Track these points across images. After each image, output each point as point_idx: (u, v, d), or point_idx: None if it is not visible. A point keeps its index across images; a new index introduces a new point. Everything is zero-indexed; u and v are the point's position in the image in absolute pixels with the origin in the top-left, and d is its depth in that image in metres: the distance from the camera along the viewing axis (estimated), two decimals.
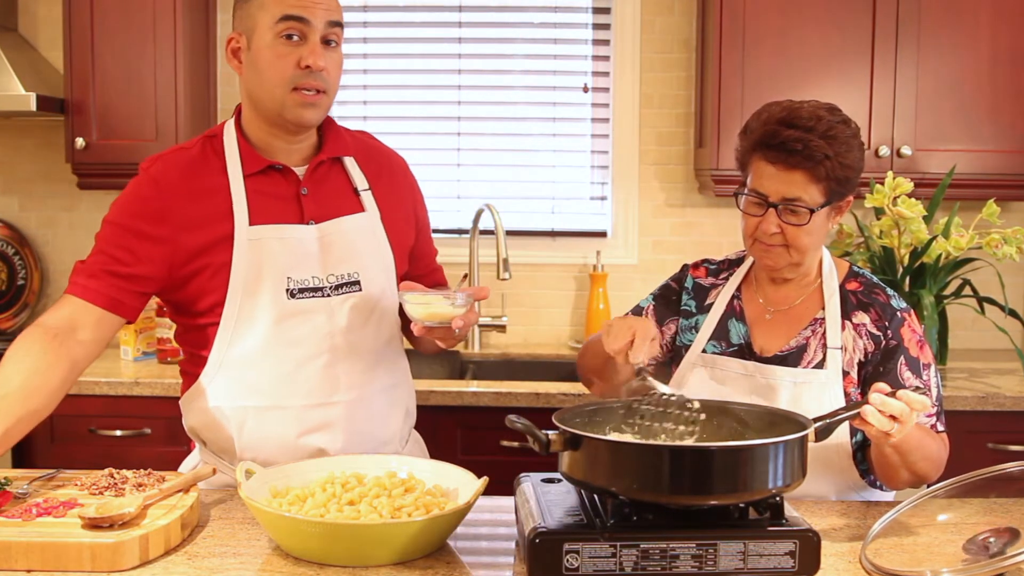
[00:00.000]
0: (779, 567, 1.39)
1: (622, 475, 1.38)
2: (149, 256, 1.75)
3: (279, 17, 1.72)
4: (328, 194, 1.85)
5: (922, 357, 1.85)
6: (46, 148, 3.47)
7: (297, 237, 1.79)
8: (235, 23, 1.81)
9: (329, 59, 1.76)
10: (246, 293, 1.76)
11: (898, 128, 3.03)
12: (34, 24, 3.46)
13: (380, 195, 1.90)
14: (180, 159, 1.82)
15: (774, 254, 1.84)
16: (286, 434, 1.79)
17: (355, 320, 1.82)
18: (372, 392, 1.86)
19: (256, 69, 1.76)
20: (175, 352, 3.07)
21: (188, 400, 1.86)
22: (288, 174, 1.83)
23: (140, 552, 1.42)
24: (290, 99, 1.74)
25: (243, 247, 1.76)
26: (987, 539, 1.42)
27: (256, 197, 1.79)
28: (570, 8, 3.48)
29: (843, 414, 1.55)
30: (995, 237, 2.86)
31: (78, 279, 1.77)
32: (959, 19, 3.01)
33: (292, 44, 1.73)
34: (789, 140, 1.76)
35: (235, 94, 3.47)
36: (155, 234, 1.75)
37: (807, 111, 1.80)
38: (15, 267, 3.48)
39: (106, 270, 1.76)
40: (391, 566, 1.43)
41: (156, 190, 1.78)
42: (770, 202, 1.80)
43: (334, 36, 1.77)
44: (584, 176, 3.53)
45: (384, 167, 1.95)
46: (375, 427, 1.87)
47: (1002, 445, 2.77)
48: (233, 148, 1.82)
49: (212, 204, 1.77)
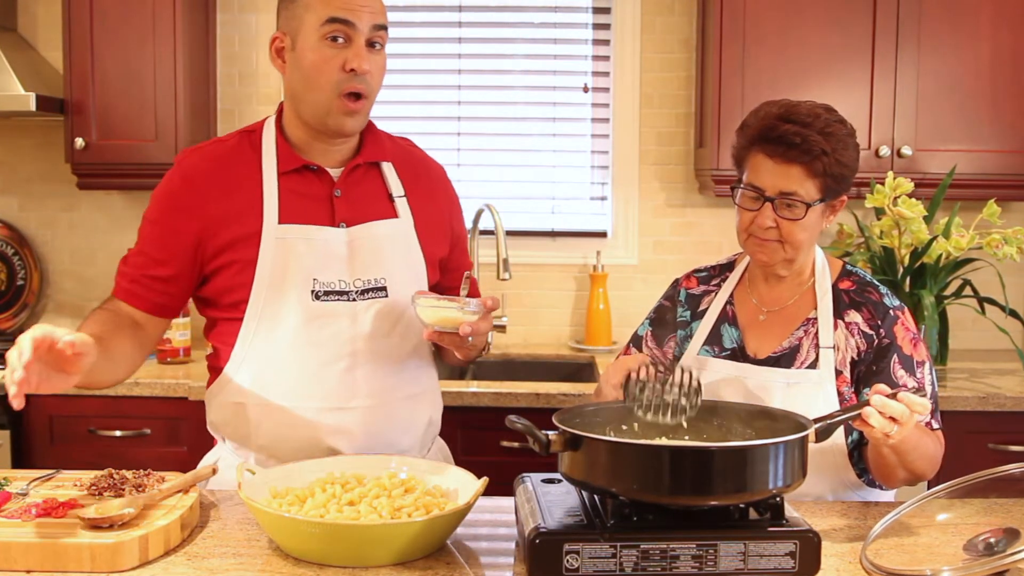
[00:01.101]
0: (779, 568, 1.39)
1: (622, 476, 1.38)
2: (182, 250, 1.77)
3: (325, 19, 1.72)
4: (362, 198, 1.84)
5: (916, 355, 1.85)
6: (46, 148, 3.47)
7: (325, 239, 1.78)
8: (280, 23, 1.81)
9: (373, 62, 1.75)
10: (271, 291, 1.76)
11: (898, 128, 3.03)
12: (34, 24, 3.46)
13: (415, 203, 1.89)
14: (215, 151, 1.83)
15: (768, 249, 1.84)
16: (303, 435, 1.79)
17: (379, 326, 1.81)
18: (393, 399, 1.84)
19: (300, 70, 1.76)
20: (175, 353, 3.08)
21: (211, 394, 1.87)
22: (323, 175, 1.82)
23: (140, 552, 1.42)
24: (335, 105, 1.74)
25: (270, 245, 1.76)
26: (988, 539, 1.42)
27: (288, 196, 1.79)
28: (570, 8, 3.48)
29: (844, 415, 1.56)
30: (995, 237, 2.86)
31: (122, 281, 1.81)
32: (960, 19, 3.01)
33: (337, 47, 1.73)
34: (787, 134, 1.77)
35: (235, 94, 3.47)
36: (185, 228, 1.77)
37: (805, 108, 1.81)
38: (15, 267, 3.48)
39: (146, 274, 1.79)
40: (391, 567, 1.43)
41: (186, 184, 1.79)
42: (767, 196, 1.80)
43: (379, 39, 1.77)
44: (584, 176, 3.53)
45: (422, 175, 1.94)
46: (394, 434, 1.85)
47: (1002, 446, 2.77)
48: (271, 145, 1.82)
49: (243, 199, 1.78)
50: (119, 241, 3.50)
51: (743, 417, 1.60)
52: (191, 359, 3.12)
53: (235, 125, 3.46)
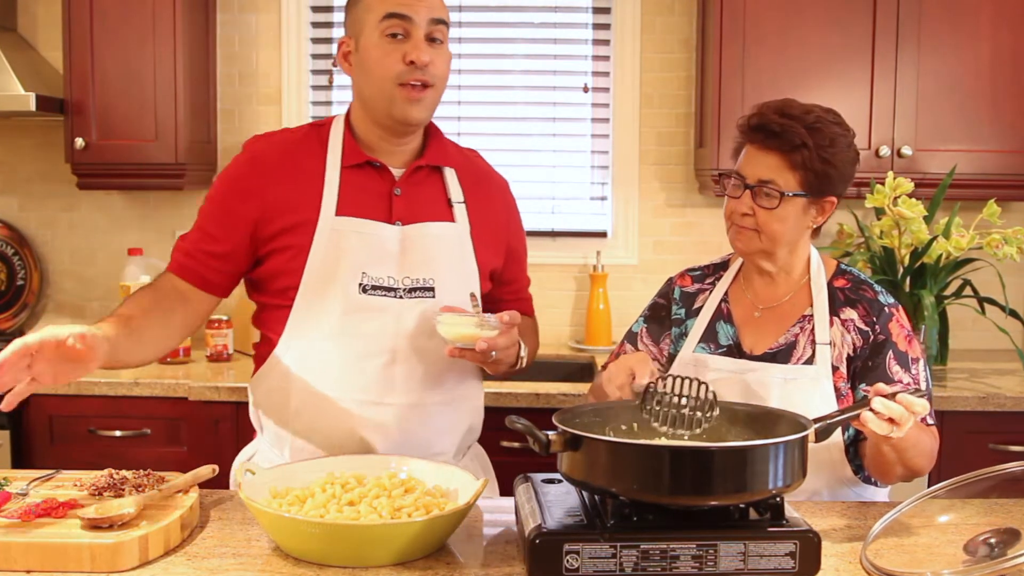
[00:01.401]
0: (779, 568, 1.39)
1: (622, 476, 1.38)
2: (239, 229, 1.81)
3: (383, 15, 1.76)
4: (420, 199, 1.86)
5: (911, 352, 1.86)
6: (45, 148, 3.47)
7: (378, 235, 1.80)
8: (346, 28, 1.86)
9: (434, 54, 1.78)
10: (320, 281, 1.79)
11: (898, 128, 3.03)
12: (33, 24, 3.46)
13: (473, 211, 1.90)
14: (282, 139, 1.88)
15: (744, 237, 1.87)
16: (340, 426, 1.80)
17: (423, 326, 1.81)
18: (431, 401, 1.84)
19: (364, 68, 1.80)
20: (175, 353, 3.08)
21: (257, 380, 1.90)
22: (385, 173, 1.85)
23: (140, 553, 1.42)
24: (398, 94, 1.77)
25: (324, 235, 1.79)
26: (988, 540, 1.42)
27: (348, 189, 1.82)
28: (570, 8, 3.48)
29: (844, 415, 1.56)
30: (996, 237, 2.86)
31: (177, 255, 1.85)
32: (960, 19, 3.01)
33: (397, 42, 1.76)
34: (771, 123, 1.81)
35: (235, 94, 3.47)
36: (245, 209, 1.80)
37: (802, 105, 1.85)
38: (14, 267, 3.48)
39: (201, 248, 1.83)
40: (391, 567, 1.43)
41: (251, 168, 1.83)
42: (747, 184, 1.84)
43: (439, 33, 1.80)
44: (584, 176, 3.53)
45: (483, 185, 1.96)
46: (429, 436, 1.85)
47: (1003, 445, 2.77)
48: (337, 139, 1.85)
49: (304, 187, 1.81)
50: (119, 241, 3.50)
51: (743, 417, 1.60)
52: (191, 359, 3.12)
53: (235, 125, 3.46)
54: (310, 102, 3.50)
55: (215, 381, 2.85)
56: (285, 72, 3.47)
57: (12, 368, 1.46)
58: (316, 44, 3.51)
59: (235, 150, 1.93)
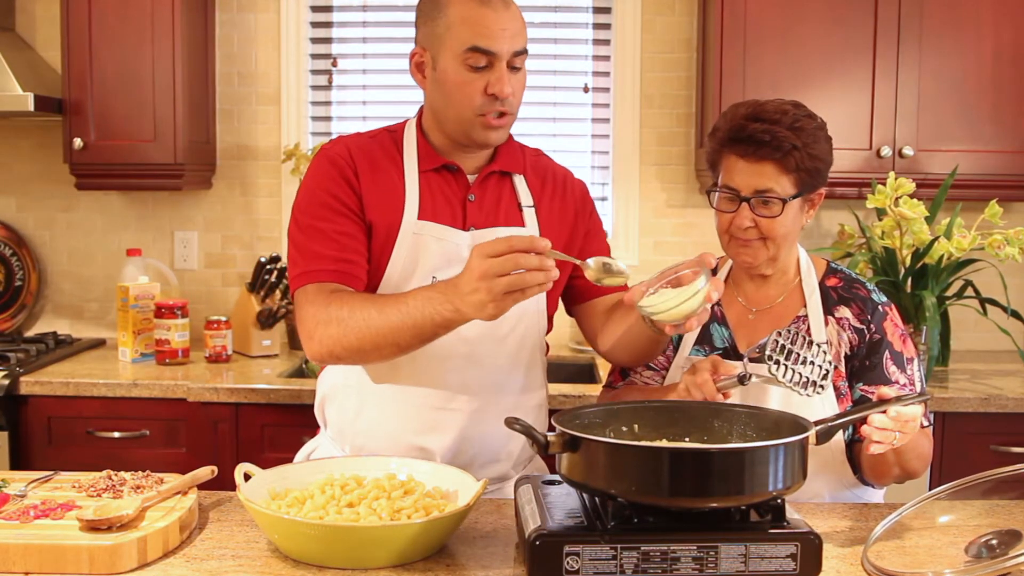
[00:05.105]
0: (781, 569, 1.39)
1: (621, 477, 1.38)
2: (357, 215, 1.78)
3: (467, 47, 1.72)
4: (492, 204, 1.85)
5: (906, 351, 1.87)
6: (44, 148, 3.47)
7: (454, 241, 1.80)
8: (419, 37, 1.82)
9: (515, 83, 1.77)
10: (396, 283, 1.78)
11: (900, 128, 3.03)
12: (32, 24, 3.45)
13: (543, 215, 1.89)
14: (358, 141, 1.86)
15: (752, 249, 1.85)
16: (399, 428, 1.81)
17: (490, 333, 1.80)
18: (496, 409, 1.82)
19: (442, 91, 1.77)
20: (174, 353, 3.07)
21: (324, 377, 1.90)
22: (460, 177, 1.84)
23: (138, 554, 1.42)
24: (477, 122, 1.76)
25: (407, 239, 1.79)
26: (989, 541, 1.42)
27: (427, 193, 1.81)
28: (570, 8, 3.48)
29: (844, 418, 1.56)
30: (997, 238, 2.86)
31: (326, 265, 1.75)
32: (961, 19, 3.01)
33: (479, 72, 1.74)
34: (756, 132, 1.79)
35: (234, 94, 3.46)
36: (350, 201, 1.77)
37: (772, 106, 1.83)
38: (13, 268, 3.48)
39: (347, 249, 1.76)
40: (390, 568, 1.42)
41: (335, 166, 1.79)
42: (742, 196, 1.83)
43: (519, 62, 1.78)
44: (584, 176, 3.50)
45: (551, 186, 1.93)
46: (490, 443, 1.85)
47: (1004, 447, 2.76)
48: (412, 143, 1.85)
49: (386, 188, 1.80)
50: (117, 241, 3.49)
51: (743, 418, 1.60)
52: (190, 360, 3.11)
53: (234, 125, 3.45)
54: (309, 102, 3.49)
55: (214, 382, 2.84)
56: (284, 72, 3.46)
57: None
58: (315, 44, 3.50)
59: (234, 150, 1.92)
